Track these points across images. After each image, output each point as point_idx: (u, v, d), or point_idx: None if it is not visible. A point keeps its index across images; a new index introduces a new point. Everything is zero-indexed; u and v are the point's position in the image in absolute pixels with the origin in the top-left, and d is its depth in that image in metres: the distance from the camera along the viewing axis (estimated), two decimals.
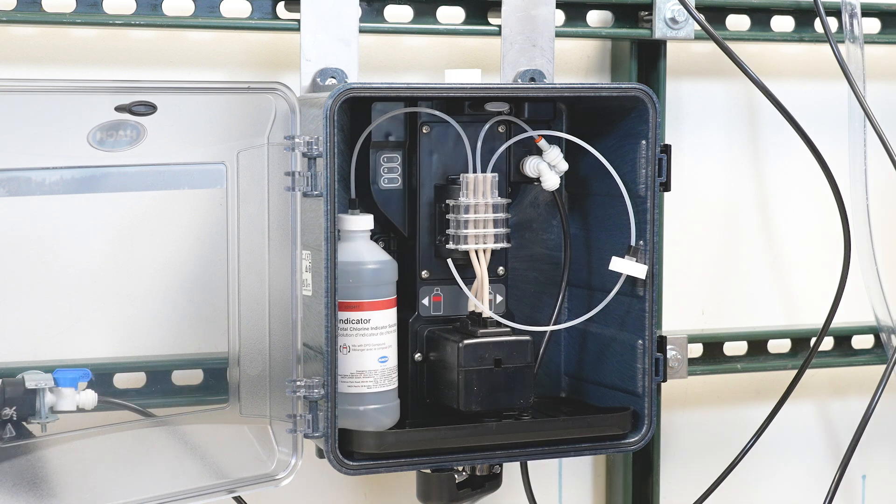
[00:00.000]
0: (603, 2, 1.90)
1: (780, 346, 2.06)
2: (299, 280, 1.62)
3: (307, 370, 1.62)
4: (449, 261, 1.71)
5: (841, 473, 1.93)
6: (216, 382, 1.72)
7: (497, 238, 1.70)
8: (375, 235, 1.71)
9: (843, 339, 2.08)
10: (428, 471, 1.74)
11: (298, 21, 1.74)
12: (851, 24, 1.97)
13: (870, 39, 2.00)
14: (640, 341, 1.73)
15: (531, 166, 1.76)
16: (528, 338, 1.70)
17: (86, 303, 1.65)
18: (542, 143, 1.76)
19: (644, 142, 1.71)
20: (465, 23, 1.85)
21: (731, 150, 2.07)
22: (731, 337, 2.03)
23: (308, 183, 1.58)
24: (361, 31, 1.77)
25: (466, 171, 1.69)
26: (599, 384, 1.81)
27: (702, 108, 2.04)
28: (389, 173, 1.73)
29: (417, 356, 1.74)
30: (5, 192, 1.53)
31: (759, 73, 1.85)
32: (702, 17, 1.83)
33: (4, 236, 1.59)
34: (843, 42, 1.97)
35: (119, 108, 1.55)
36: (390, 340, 1.66)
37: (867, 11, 2.01)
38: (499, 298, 1.78)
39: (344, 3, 1.74)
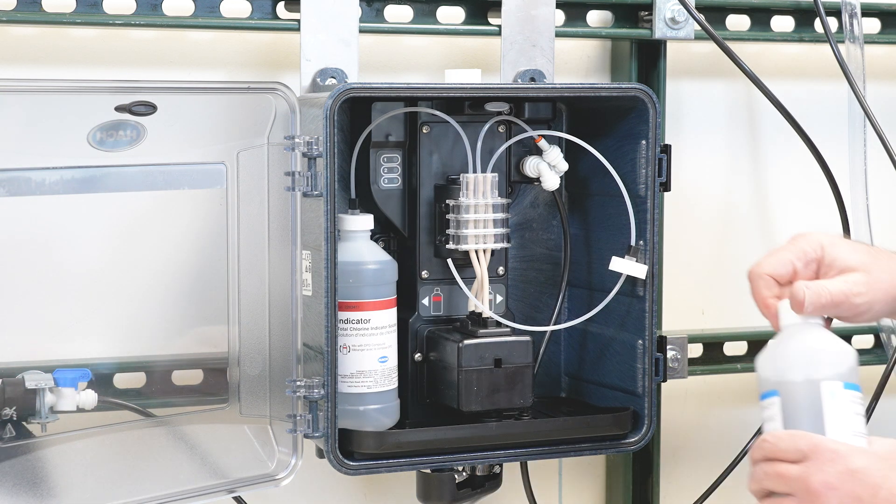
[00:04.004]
0: (603, 2, 1.90)
1: None
2: (299, 280, 1.62)
3: (307, 370, 1.62)
4: (449, 261, 1.71)
5: None
6: (216, 382, 1.72)
7: (497, 238, 1.70)
8: (375, 235, 1.71)
9: (842, 339, 2.08)
10: (428, 471, 1.74)
11: (298, 21, 1.74)
12: (851, 24, 1.97)
13: (870, 39, 2.00)
14: (640, 341, 1.73)
15: (531, 166, 1.76)
16: (528, 338, 1.70)
17: (86, 303, 1.65)
18: (542, 143, 1.76)
19: (644, 142, 1.71)
20: (465, 23, 1.85)
21: (731, 150, 2.07)
22: (731, 337, 2.03)
23: (308, 183, 1.58)
24: (361, 31, 1.77)
25: (466, 171, 1.69)
26: (599, 384, 1.81)
27: (702, 108, 2.04)
28: (389, 173, 1.73)
29: (417, 356, 1.74)
30: (5, 192, 1.53)
31: (759, 73, 1.85)
32: (702, 17, 1.83)
33: (4, 236, 1.59)
34: (843, 42, 1.97)
35: (119, 108, 1.55)
36: (390, 340, 1.66)
37: (867, 11, 2.01)
38: (499, 298, 1.78)
39: (344, 3, 1.74)
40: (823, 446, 1.39)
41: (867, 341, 2.09)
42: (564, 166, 1.76)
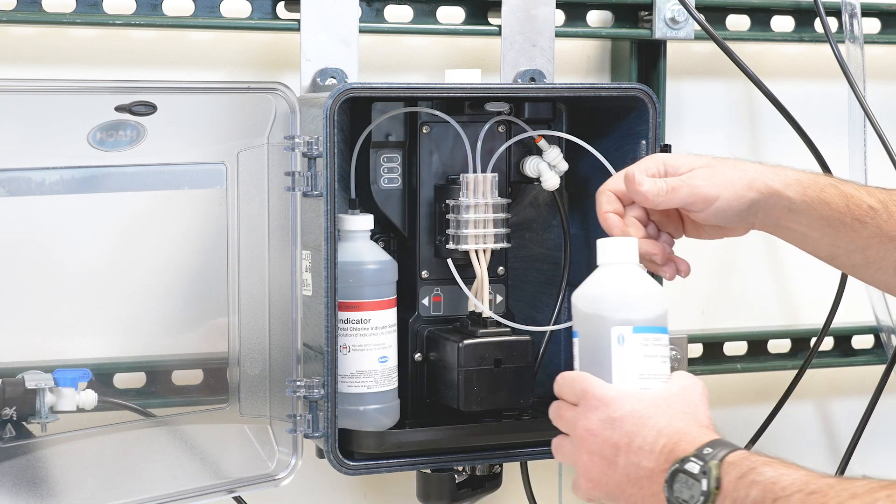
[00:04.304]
0: (603, 2, 1.90)
1: (780, 346, 2.06)
2: (299, 280, 1.62)
3: (307, 370, 1.62)
4: (449, 261, 1.71)
5: (841, 473, 1.93)
6: (216, 382, 1.72)
7: (497, 238, 1.70)
8: (375, 235, 1.71)
9: (843, 339, 2.08)
10: (428, 471, 1.74)
11: (298, 21, 1.74)
12: (851, 24, 1.97)
13: (870, 39, 2.00)
14: None
15: (531, 166, 1.76)
16: (528, 338, 1.70)
17: (86, 303, 1.65)
18: (542, 143, 1.76)
19: (644, 142, 1.71)
20: (465, 23, 1.85)
21: (731, 150, 2.07)
22: (731, 337, 2.03)
23: (308, 183, 1.58)
24: (361, 31, 1.77)
25: (466, 171, 1.69)
26: None
27: (702, 108, 2.04)
28: (389, 173, 1.73)
29: (417, 356, 1.74)
30: (5, 192, 1.53)
31: (759, 73, 1.85)
32: (702, 17, 1.83)
33: (4, 236, 1.59)
34: (843, 42, 1.97)
35: (119, 108, 1.55)
36: (390, 340, 1.66)
37: (867, 11, 2.01)
38: (499, 298, 1.78)
39: (344, 3, 1.74)
40: (591, 393, 1.43)
41: (867, 341, 2.09)
42: (564, 166, 1.76)
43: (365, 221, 1.66)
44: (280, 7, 1.76)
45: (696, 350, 2.00)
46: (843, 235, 1.55)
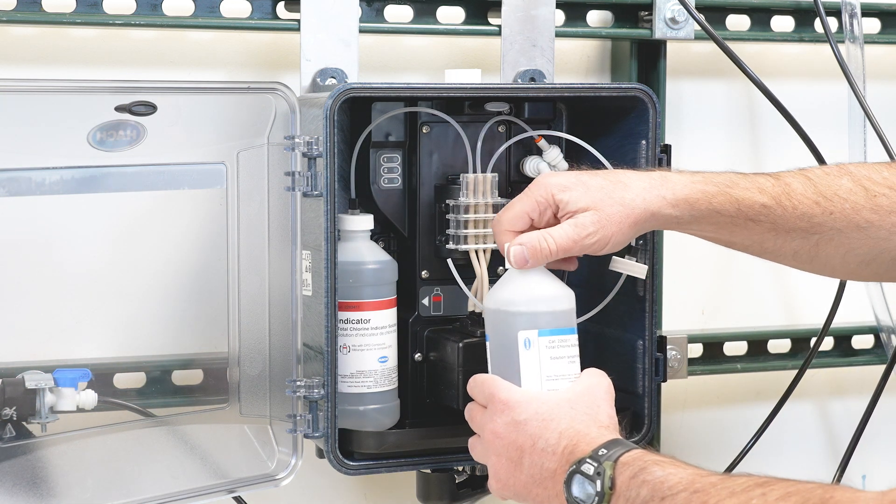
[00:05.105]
0: (603, 2, 1.90)
1: (780, 346, 2.06)
2: (299, 280, 1.62)
3: (307, 370, 1.62)
4: (449, 261, 1.70)
5: (841, 473, 1.93)
6: (216, 382, 1.72)
7: None
8: (375, 235, 1.71)
9: (843, 339, 2.08)
10: (428, 471, 1.74)
11: (298, 21, 1.74)
12: (851, 24, 1.97)
13: (870, 39, 2.00)
14: (640, 341, 1.73)
15: (531, 166, 1.76)
16: None
17: (86, 303, 1.65)
18: (542, 143, 1.76)
19: (644, 142, 1.71)
20: (465, 23, 1.85)
21: (731, 150, 2.07)
22: (731, 337, 2.03)
23: (308, 183, 1.58)
24: (361, 31, 1.77)
25: (466, 171, 1.69)
26: None
27: (702, 108, 2.04)
28: (389, 173, 1.73)
29: (417, 356, 1.74)
30: (5, 192, 1.53)
31: (759, 73, 1.85)
32: (702, 17, 1.83)
33: (4, 236, 1.59)
34: (843, 42, 1.97)
35: (119, 108, 1.55)
36: (390, 340, 1.66)
37: (867, 11, 2.01)
38: None
39: (344, 3, 1.74)
40: (497, 397, 1.49)
41: (867, 341, 2.09)
42: (564, 166, 1.76)
43: (365, 221, 1.66)
44: (280, 7, 1.76)
45: (696, 350, 2.00)
46: (737, 234, 1.60)
